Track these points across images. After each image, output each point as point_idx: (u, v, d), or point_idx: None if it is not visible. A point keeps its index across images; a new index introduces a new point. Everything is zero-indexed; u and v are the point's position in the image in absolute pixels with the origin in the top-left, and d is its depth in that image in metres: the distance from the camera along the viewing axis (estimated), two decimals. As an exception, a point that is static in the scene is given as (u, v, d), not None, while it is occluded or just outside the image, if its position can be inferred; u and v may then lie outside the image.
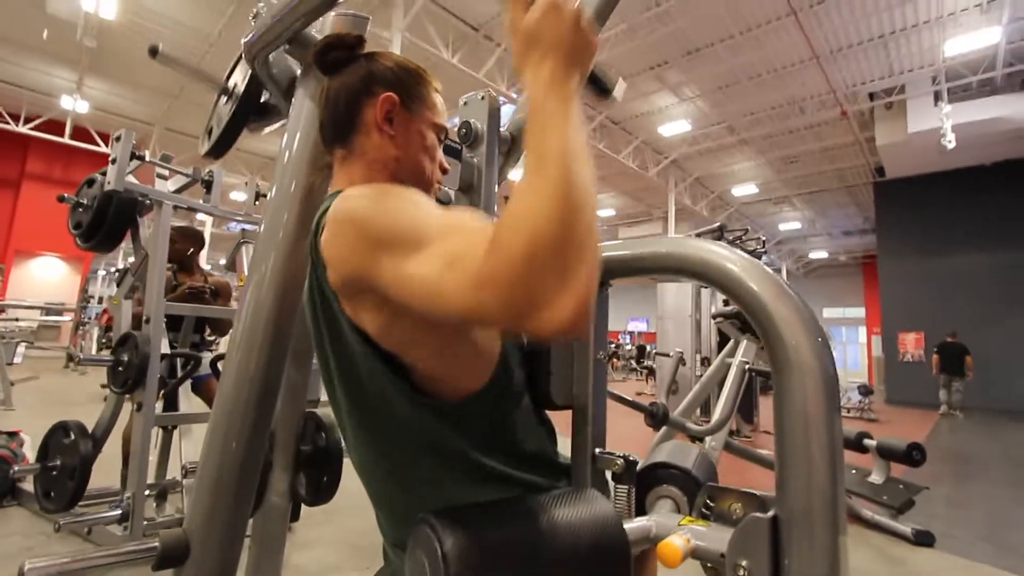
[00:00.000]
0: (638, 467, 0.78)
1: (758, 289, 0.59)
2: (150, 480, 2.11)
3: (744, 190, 11.76)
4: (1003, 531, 2.75)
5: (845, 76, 7.51)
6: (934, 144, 7.51)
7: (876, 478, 2.80)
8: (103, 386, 6.16)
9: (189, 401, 2.37)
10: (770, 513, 0.55)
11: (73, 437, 1.94)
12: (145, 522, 1.84)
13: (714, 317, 2.82)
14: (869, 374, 15.14)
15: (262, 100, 1.26)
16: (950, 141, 7.02)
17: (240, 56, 1.34)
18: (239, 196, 12.19)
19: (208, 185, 2.21)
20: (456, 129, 1.44)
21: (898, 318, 10.98)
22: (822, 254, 16.81)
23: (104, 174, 2.11)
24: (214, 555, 0.91)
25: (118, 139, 1.94)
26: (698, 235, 5.33)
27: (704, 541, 0.61)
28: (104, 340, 9.71)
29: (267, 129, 1.39)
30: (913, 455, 2.58)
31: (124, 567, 1.65)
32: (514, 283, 0.43)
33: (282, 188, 1.02)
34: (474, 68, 6.85)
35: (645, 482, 0.80)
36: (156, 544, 0.87)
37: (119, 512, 1.77)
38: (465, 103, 1.48)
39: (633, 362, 14.27)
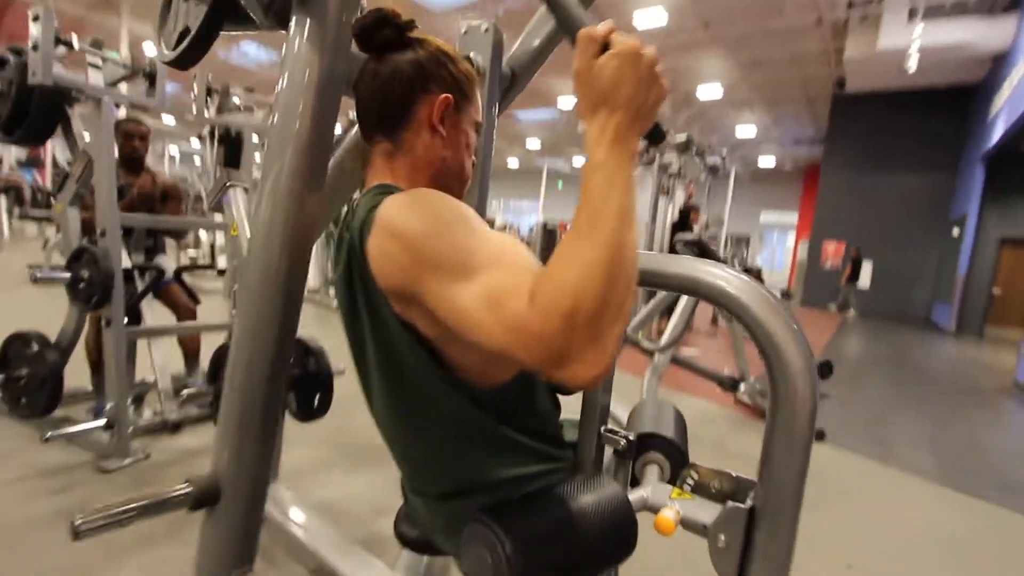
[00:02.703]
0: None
1: (771, 329, 0.67)
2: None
3: (709, 92, 11.51)
4: (879, 427, 3.37)
5: (831, -23, 7.15)
6: (896, 63, 7.56)
7: (788, 385, 3.27)
8: (30, 267, 5.73)
9: (152, 309, 2.32)
10: (748, 504, 0.70)
11: (36, 348, 1.89)
12: (130, 428, 1.90)
13: (675, 243, 2.97)
14: (790, 277, 16.59)
15: None
16: (912, 64, 7.08)
17: None
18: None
19: (151, 78, 1.94)
20: None
21: (827, 227, 11.84)
22: (770, 161, 17.25)
23: (17, 53, 1.80)
24: (244, 493, 1.00)
25: (35, 19, 1.62)
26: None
27: (691, 514, 0.76)
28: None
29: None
30: (823, 370, 3.02)
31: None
32: (550, 339, 0.45)
33: (284, 130, 0.93)
34: None
35: (635, 447, 0.94)
36: (190, 489, 0.95)
37: (104, 421, 1.81)
38: (466, 32, 1.37)
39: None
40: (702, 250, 2.84)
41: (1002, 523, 2.24)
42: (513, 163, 22.64)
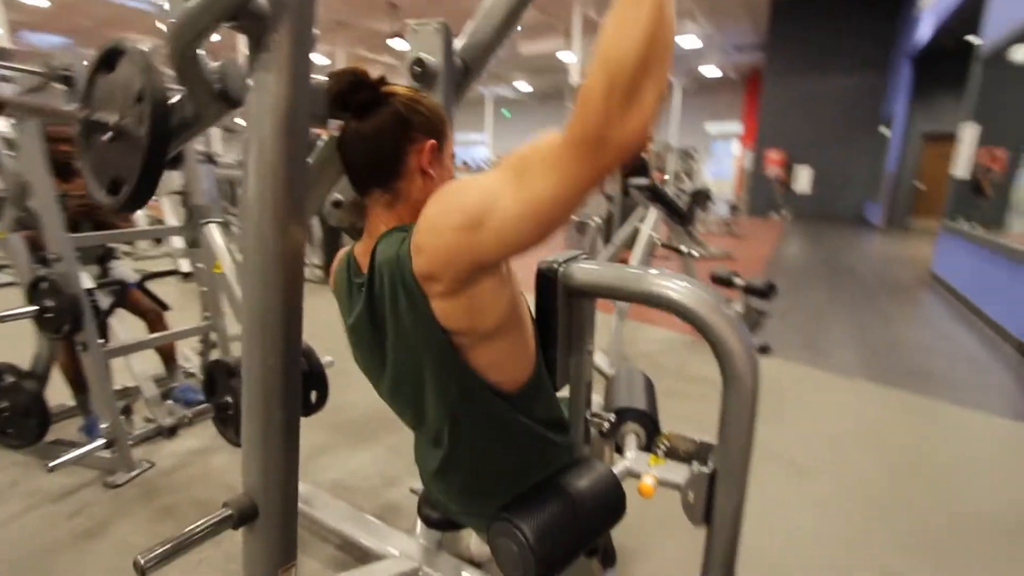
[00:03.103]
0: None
1: (719, 331, 0.81)
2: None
3: (649, 2, 11.14)
4: (813, 335, 3.77)
5: None
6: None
7: (738, 307, 3.59)
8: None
9: (119, 318, 2.29)
10: (710, 468, 0.87)
11: (12, 379, 1.88)
12: (129, 441, 1.95)
13: (628, 187, 3.07)
14: (737, 186, 17.13)
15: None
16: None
17: (94, 71, 0.91)
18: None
19: (68, 82, 1.78)
20: (409, 67, 1.36)
21: (770, 136, 12.16)
22: (713, 71, 17.15)
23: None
24: (278, 505, 1.12)
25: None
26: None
27: (666, 476, 0.93)
28: None
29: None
30: (767, 292, 3.32)
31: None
32: (607, 116, 0.49)
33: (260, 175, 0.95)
34: None
35: (616, 421, 1.10)
36: (230, 512, 1.06)
37: (103, 441, 1.85)
38: (415, 31, 1.37)
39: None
40: (654, 194, 2.97)
41: (916, 407, 2.65)
42: (454, 94, 21.56)
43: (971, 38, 5.65)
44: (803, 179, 11.39)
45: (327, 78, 0.79)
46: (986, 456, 2.23)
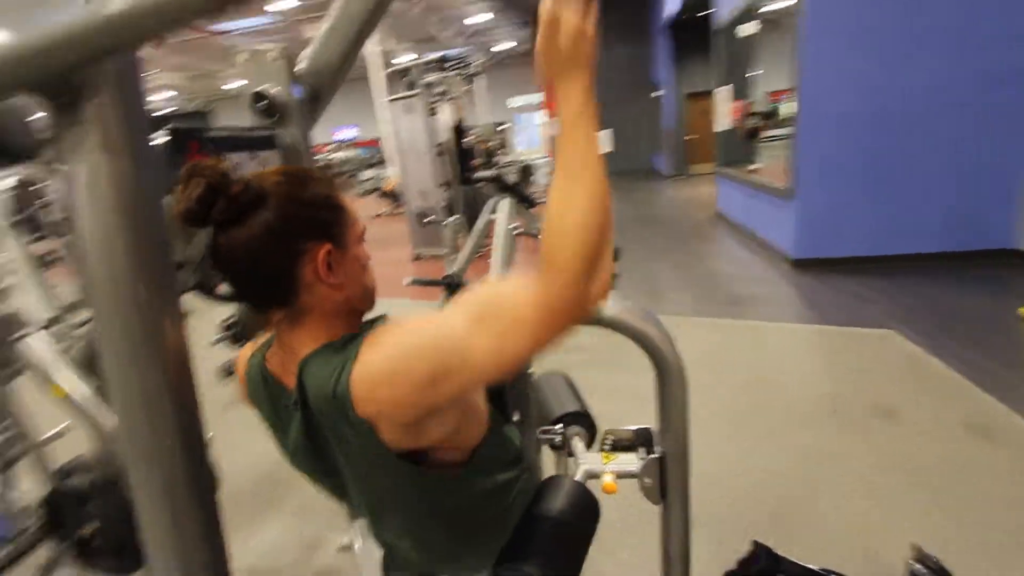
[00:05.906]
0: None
1: (655, 340, 0.93)
2: None
3: (438, -19, 11.11)
4: (650, 284, 4.36)
5: None
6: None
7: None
8: None
9: None
10: (659, 453, 0.99)
11: None
12: None
13: (476, 182, 3.13)
14: (549, 150, 18.45)
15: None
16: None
17: None
18: None
19: None
20: (250, 103, 1.21)
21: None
22: (511, 44, 17.96)
23: None
24: None
25: None
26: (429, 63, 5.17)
27: (621, 468, 1.04)
28: None
29: None
30: (616, 256, 3.73)
31: None
32: (578, 287, 0.54)
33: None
34: None
35: (560, 430, 1.17)
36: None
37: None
38: (248, 60, 1.22)
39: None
40: (502, 185, 3.07)
41: (733, 329, 3.28)
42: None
43: (705, 13, 6.86)
44: (606, 140, 12.77)
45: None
46: (787, 355, 2.89)
